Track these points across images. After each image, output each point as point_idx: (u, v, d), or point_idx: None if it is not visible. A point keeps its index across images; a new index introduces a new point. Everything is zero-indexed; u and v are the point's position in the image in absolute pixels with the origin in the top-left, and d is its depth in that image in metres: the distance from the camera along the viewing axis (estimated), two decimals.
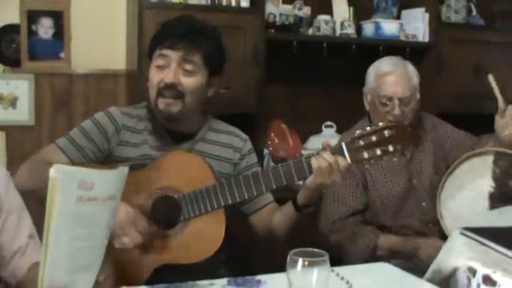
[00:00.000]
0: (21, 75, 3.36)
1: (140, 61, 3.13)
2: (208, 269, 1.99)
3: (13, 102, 3.33)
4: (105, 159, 2.03)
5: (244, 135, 2.19)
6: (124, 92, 3.49)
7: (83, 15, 3.42)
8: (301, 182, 1.95)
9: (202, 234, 1.90)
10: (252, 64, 3.39)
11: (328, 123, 3.72)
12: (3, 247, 1.67)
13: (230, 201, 1.89)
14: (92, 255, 1.40)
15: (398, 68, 2.49)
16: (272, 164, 3.28)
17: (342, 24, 3.76)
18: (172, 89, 1.97)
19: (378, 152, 1.83)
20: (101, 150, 2.02)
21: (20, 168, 1.97)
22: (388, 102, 2.43)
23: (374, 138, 1.83)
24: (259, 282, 1.70)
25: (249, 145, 2.17)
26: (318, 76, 3.82)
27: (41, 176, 1.68)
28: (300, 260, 1.36)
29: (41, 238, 1.31)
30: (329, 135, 3.67)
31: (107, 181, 1.36)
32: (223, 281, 1.71)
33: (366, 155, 1.83)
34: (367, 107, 2.56)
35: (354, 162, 1.84)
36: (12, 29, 3.39)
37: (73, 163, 1.97)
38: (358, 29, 3.87)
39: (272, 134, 3.54)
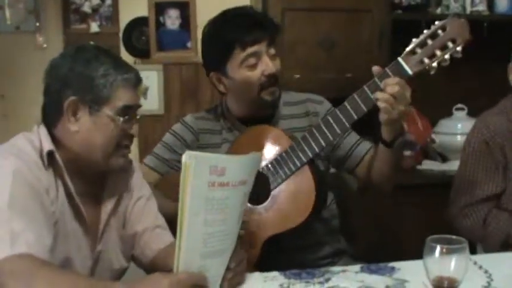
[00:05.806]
0: (150, 66, 3.48)
1: None
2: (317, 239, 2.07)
3: (144, 93, 3.45)
4: None
5: (319, 97, 2.17)
6: None
7: (208, 5, 3.45)
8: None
9: (295, 196, 1.90)
10: (377, 46, 3.31)
11: (459, 105, 3.56)
12: (131, 226, 1.76)
13: (310, 154, 1.89)
14: (225, 240, 1.42)
15: None
16: None
17: (472, 0, 3.59)
18: (273, 78, 1.98)
19: (438, 52, 1.77)
20: None
21: None
22: None
23: (429, 41, 1.78)
24: (393, 269, 1.67)
25: (326, 105, 2.14)
26: None
27: None
28: (438, 247, 1.31)
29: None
30: (460, 118, 3.51)
31: (239, 166, 1.37)
32: (356, 267, 1.69)
33: (426, 60, 1.78)
34: None
35: (415, 73, 1.78)
36: (141, 21, 3.52)
37: (162, 176, 2.08)
38: (491, 5, 3.67)
39: None
